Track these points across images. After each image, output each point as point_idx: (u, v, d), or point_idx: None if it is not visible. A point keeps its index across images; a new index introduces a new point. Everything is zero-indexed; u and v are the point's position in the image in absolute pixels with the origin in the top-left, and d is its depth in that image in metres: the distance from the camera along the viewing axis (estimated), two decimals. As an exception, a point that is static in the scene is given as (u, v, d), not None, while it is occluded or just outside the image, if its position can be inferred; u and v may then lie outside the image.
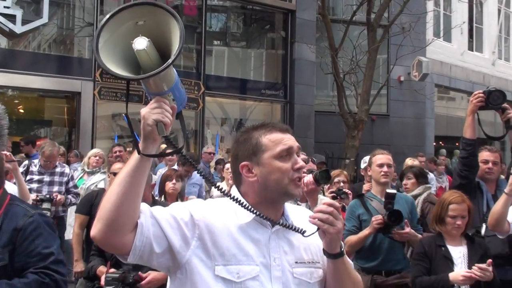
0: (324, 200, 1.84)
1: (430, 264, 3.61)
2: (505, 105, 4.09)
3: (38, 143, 8.74)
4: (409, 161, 7.46)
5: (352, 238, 4.17)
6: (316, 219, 1.77)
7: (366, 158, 6.22)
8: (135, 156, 1.67)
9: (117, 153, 7.25)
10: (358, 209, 4.33)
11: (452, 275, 3.41)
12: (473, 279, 3.32)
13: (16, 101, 12.21)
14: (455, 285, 3.44)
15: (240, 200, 1.81)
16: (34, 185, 6.17)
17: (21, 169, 6.10)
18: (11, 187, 4.54)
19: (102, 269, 3.58)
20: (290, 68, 14.47)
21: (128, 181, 1.65)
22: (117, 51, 1.66)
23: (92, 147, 9.85)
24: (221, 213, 1.84)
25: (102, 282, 3.35)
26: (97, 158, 7.25)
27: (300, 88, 14.43)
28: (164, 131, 1.66)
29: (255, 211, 1.81)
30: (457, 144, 15.08)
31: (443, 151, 17.58)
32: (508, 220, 3.67)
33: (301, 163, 1.88)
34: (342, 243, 1.87)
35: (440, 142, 19.11)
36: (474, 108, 4.15)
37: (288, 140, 1.89)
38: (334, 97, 12.91)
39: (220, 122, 14.48)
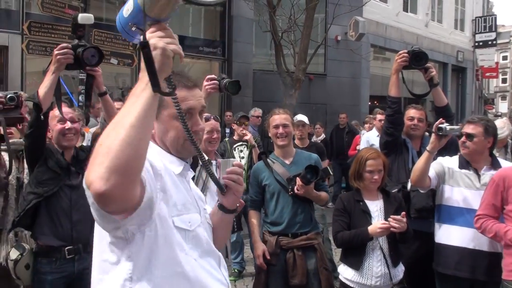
0: (234, 161, 1.90)
1: (350, 219, 3.75)
2: (428, 64, 4.25)
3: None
4: None
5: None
6: (230, 181, 1.90)
7: (298, 116, 6.30)
8: (149, 93, 1.37)
9: None
10: (262, 172, 4.16)
11: (370, 228, 3.57)
12: (389, 229, 3.51)
13: None
14: (374, 237, 3.61)
15: None
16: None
17: None
18: None
19: None
20: (229, 25, 14.27)
21: (146, 122, 1.37)
22: None
23: (21, 105, 9.37)
24: (162, 162, 1.73)
25: None
26: None
27: (238, 46, 14.31)
28: (178, 64, 1.44)
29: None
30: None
31: (378, 110, 18.07)
32: (429, 176, 3.88)
33: (200, 125, 1.83)
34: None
35: (375, 102, 19.60)
36: (398, 67, 4.28)
37: (191, 99, 1.82)
38: (272, 56, 12.90)
39: (157, 79, 14.13)
